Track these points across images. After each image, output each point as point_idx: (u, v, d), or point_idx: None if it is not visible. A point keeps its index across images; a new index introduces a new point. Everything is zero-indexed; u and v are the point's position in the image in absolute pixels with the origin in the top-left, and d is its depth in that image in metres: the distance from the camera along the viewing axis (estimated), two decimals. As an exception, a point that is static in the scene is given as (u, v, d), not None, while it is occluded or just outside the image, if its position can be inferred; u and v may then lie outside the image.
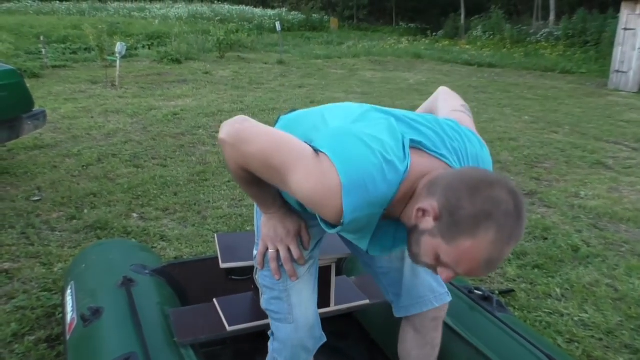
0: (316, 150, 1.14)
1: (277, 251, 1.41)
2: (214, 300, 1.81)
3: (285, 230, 1.39)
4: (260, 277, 1.51)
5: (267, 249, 1.42)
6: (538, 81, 12.49)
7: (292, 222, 1.41)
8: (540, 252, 3.33)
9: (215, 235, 1.84)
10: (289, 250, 1.40)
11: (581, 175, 5.04)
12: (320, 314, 1.61)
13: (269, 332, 1.51)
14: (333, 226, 1.18)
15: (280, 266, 1.42)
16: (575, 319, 2.63)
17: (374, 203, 1.12)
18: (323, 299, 1.74)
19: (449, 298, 1.57)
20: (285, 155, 1.14)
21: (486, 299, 1.91)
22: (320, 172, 1.11)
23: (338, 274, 1.86)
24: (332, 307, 1.80)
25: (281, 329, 1.45)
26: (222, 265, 1.66)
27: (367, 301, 1.87)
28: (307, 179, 1.11)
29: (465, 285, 2.01)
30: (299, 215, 1.43)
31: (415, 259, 1.15)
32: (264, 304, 1.49)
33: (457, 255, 1.05)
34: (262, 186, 1.32)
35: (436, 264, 1.10)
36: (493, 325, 1.76)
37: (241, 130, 1.19)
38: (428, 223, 1.08)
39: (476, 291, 1.95)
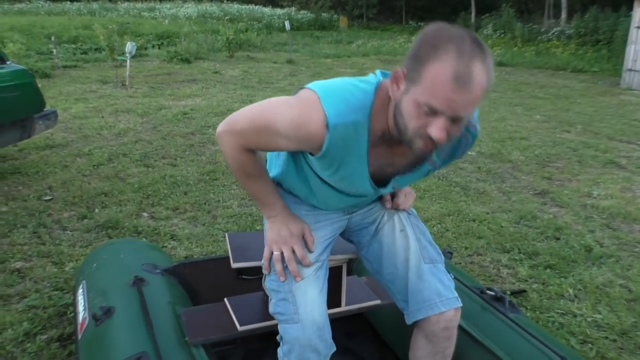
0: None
1: (282, 253, 1.47)
2: (225, 299, 1.80)
3: (289, 232, 1.46)
4: (267, 282, 1.52)
5: (272, 253, 1.47)
6: (549, 80, 12.41)
7: (295, 225, 1.48)
8: (553, 252, 3.30)
9: (226, 234, 1.83)
10: (293, 251, 1.46)
11: (594, 174, 4.99)
12: (331, 314, 1.60)
13: (278, 337, 1.49)
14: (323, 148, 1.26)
15: (285, 268, 1.45)
16: (589, 319, 2.60)
17: (355, 109, 1.22)
18: (334, 299, 1.73)
19: (459, 303, 1.52)
20: (269, 110, 1.30)
21: (498, 299, 1.89)
22: (299, 100, 1.27)
23: (349, 274, 1.85)
24: (343, 307, 1.79)
25: (288, 329, 1.43)
26: (234, 265, 1.66)
27: (378, 301, 1.86)
28: (289, 112, 1.26)
29: (477, 286, 1.99)
30: (302, 219, 1.51)
31: (405, 132, 1.18)
32: (272, 308, 1.49)
33: (428, 85, 1.09)
34: (263, 180, 1.46)
35: (421, 119, 1.13)
36: (505, 326, 1.74)
37: (232, 117, 1.36)
38: (401, 86, 1.17)
39: (488, 291, 1.93)
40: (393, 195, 1.63)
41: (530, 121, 7.46)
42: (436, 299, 1.49)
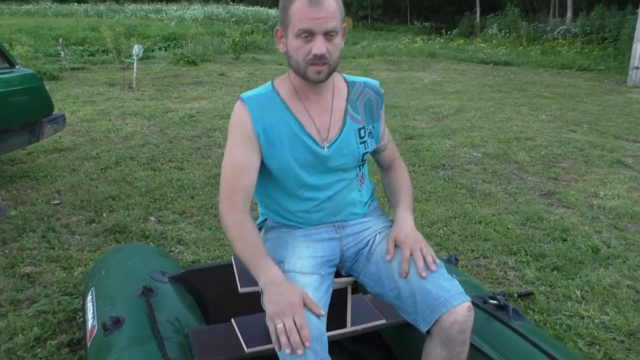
0: None
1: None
2: (232, 320, 1.80)
3: (288, 302, 1.42)
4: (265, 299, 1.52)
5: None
6: (555, 79, 12.37)
7: (291, 293, 1.45)
8: (560, 253, 3.30)
9: (232, 257, 1.85)
10: (294, 321, 1.41)
11: (600, 174, 4.98)
12: (337, 335, 1.63)
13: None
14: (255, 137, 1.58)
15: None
16: (596, 321, 2.59)
17: (259, 90, 1.64)
18: (339, 320, 1.73)
19: (467, 298, 1.51)
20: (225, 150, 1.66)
21: (501, 307, 1.89)
22: None
23: (354, 292, 1.85)
24: (349, 328, 1.79)
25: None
26: (241, 290, 1.66)
27: (383, 321, 1.85)
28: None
29: (480, 295, 1.98)
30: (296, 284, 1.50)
31: (299, 67, 1.52)
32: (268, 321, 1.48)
33: (295, 19, 1.46)
34: (257, 239, 1.58)
35: (304, 47, 1.48)
36: (509, 336, 1.73)
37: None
38: (283, 39, 1.55)
39: (491, 300, 1.92)
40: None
41: (536, 121, 7.45)
42: (445, 294, 1.48)
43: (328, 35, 1.47)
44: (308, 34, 1.46)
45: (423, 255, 1.57)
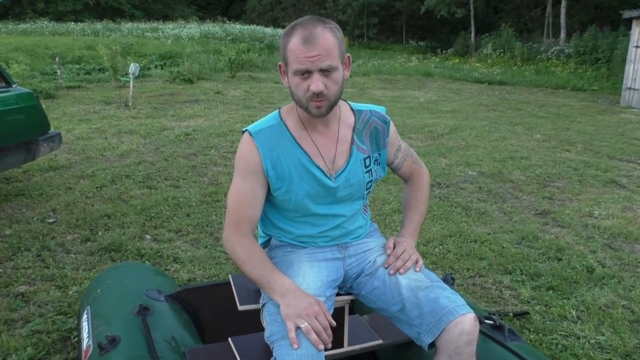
0: None
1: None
2: (229, 339, 1.80)
3: (308, 304, 1.46)
4: (265, 313, 1.54)
5: (296, 327, 1.43)
6: (549, 99, 12.48)
7: (310, 297, 1.49)
8: (555, 273, 3.30)
9: (229, 276, 1.85)
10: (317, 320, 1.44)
11: (594, 194, 5.01)
12: (334, 355, 1.63)
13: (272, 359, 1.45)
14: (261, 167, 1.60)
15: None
16: (592, 341, 2.59)
17: (267, 121, 1.65)
18: (336, 340, 1.73)
19: (470, 309, 1.50)
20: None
21: (497, 327, 1.89)
22: None
23: (351, 312, 1.85)
24: (346, 348, 1.80)
25: (283, 345, 1.41)
26: (240, 308, 1.67)
27: (380, 341, 1.85)
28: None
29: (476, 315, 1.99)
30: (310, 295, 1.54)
31: (301, 102, 1.53)
32: (267, 334, 1.49)
33: (292, 58, 1.48)
34: (264, 257, 1.58)
35: (302, 84, 1.49)
36: (505, 356, 1.72)
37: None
38: (285, 75, 1.56)
39: (486, 321, 1.92)
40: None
41: (530, 140, 7.50)
42: (453, 304, 1.49)
43: (325, 71, 1.48)
44: (305, 72, 1.48)
45: (408, 259, 1.65)
